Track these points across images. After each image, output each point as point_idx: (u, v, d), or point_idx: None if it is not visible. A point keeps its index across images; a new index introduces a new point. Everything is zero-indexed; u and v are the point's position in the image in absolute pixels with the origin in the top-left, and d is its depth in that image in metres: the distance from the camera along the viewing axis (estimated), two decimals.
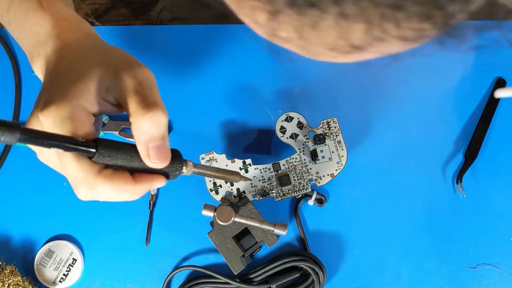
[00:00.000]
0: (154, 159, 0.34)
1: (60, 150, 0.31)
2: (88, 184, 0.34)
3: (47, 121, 0.33)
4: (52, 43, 0.38)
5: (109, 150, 0.34)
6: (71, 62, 0.36)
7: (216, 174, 0.41)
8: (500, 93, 0.42)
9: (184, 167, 0.37)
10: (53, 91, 0.34)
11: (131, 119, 0.33)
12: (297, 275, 0.53)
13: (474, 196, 0.57)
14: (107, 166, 0.35)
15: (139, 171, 0.36)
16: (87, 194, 0.34)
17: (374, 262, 0.55)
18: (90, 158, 0.33)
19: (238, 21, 0.27)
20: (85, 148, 0.32)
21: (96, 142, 0.33)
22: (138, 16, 1.43)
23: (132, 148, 0.35)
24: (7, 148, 0.58)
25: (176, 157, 0.37)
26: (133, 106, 0.33)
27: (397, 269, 0.55)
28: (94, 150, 0.33)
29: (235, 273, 0.51)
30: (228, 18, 0.26)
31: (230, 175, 0.43)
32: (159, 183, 0.36)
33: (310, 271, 0.52)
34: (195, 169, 0.39)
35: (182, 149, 0.59)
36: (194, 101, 0.59)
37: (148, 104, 0.33)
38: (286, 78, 0.60)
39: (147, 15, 1.43)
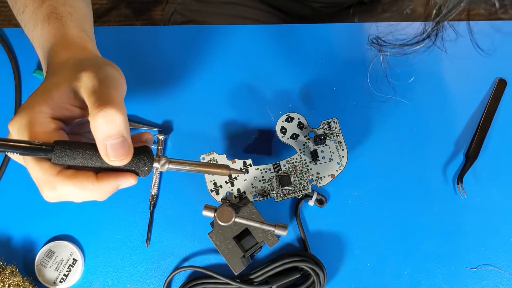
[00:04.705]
0: (112, 157, 0.34)
1: (15, 153, 0.33)
2: (49, 184, 0.35)
3: (12, 130, 0.35)
4: (50, 60, 0.40)
5: (66, 150, 0.34)
6: (49, 77, 0.38)
7: (200, 168, 0.40)
8: None
9: (156, 163, 0.37)
10: (25, 101, 0.36)
11: (89, 118, 0.34)
12: (298, 276, 0.53)
13: (475, 197, 0.57)
14: (70, 167, 0.35)
15: (105, 170, 0.36)
16: (51, 195, 0.36)
17: (374, 263, 0.55)
18: (50, 160, 0.34)
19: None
20: (40, 150, 0.34)
21: (53, 144, 0.34)
22: (139, 16, 1.43)
23: (92, 147, 0.35)
24: None
25: (144, 153, 0.37)
26: (89, 105, 0.34)
27: (398, 270, 0.55)
28: (50, 152, 0.34)
29: (236, 274, 0.51)
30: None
31: (216, 169, 0.41)
32: (127, 181, 0.36)
33: (311, 271, 0.52)
34: (170, 165, 0.38)
35: (183, 149, 0.59)
36: (195, 101, 0.59)
37: (102, 102, 0.33)
38: (286, 78, 0.60)
39: (148, 16, 1.43)
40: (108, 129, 0.34)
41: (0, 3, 1.40)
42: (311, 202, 0.56)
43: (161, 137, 0.57)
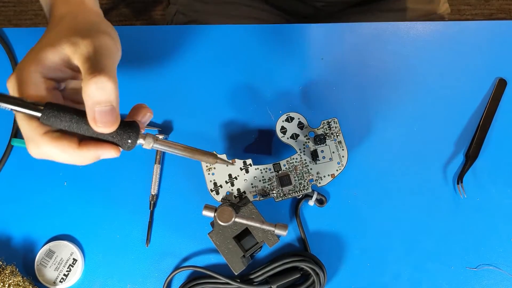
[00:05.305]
0: (99, 123, 0.35)
1: (7, 107, 0.35)
2: (34, 142, 0.37)
3: (9, 87, 0.37)
4: (50, 14, 0.43)
5: (54, 112, 0.36)
6: (47, 32, 0.40)
7: (186, 153, 0.40)
8: None
9: (142, 139, 0.38)
10: (22, 59, 0.38)
11: (82, 84, 0.35)
12: (298, 276, 0.53)
13: (475, 197, 0.57)
14: (59, 130, 0.37)
15: (89, 138, 0.37)
16: (35, 152, 0.37)
17: (374, 263, 0.55)
18: (39, 119, 0.36)
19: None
20: (31, 108, 0.35)
21: (44, 104, 0.36)
22: (139, 16, 1.43)
23: (80, 113, 0.37)
24: (8, 148, 0.58)
25: (131, 127, 0.38)
26: (83, 71, 0.36)
27: (398, 270, 0.55)
28: (39, 111, 0.35)
29: (236, 274, 0.51)
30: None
31: (202, 156, 0.41)
32: (108, 152, 0.38)
33: (311, 271, 0.52)
34: (156, 144, 0.39)
35: None
36: (195, 101, 0.59)
37: (95, 70, 0.35)
38: (286, 78, 0.60)
39: (148, 16, 1.43)
40: (98, 95, 0.35)
41: (0, 3, 1.40)
42: (311, 202, 0.56)
43: (161, 137, 0.57)
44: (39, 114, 0.36)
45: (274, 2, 0.76)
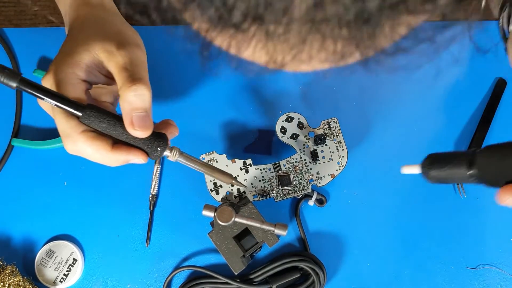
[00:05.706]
0: (137, 127, 0.38)
1: (52, 102, 0.37)
2: (72, 139, 0.39)
3: (45, 85, 0.39)
4: (71, 15, 0.44)
5: (95, 113, 0.38)
6: (75, 33, 0.42)
7: (206, 170, 0.42)
8: (405, 170, 0.43)
9: (168, 151, 0.40)
10: (56, 59, 0.40)
11: (119, 92, 0.38)
12: (298, 276, 0.53)
13: (475, 197, 0.56)
14: (94, 131, 0.39)
15: (122, 143, 0.40)
16: (71, 148, 0.39)
17: (374, 262, 0.55)
18: (78, 118, 0.38)
19: None
20: (74, 107, 0.37)
21: (85, 105, 0.38)
22: (139, 16, 1.43)
23: (116, 117, 0.39)
24: (9, 148, 0.58)
25: (161, 138, 0.40)
26: (121, 80, 0.38)
27: (397, 270, 0.55)
28: (81, 111, 0.37)
29: (236, 273, 0.51)
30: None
31: (221, 176, 0.43)
32: (137, 157, 0.40)
33: (311, 271, 0.52)
34: (180, 158, 0.41)
35: (183, 149, 0.59)
36: (195, 101, 0.59)
37: (134, 79, 0.38)
38: (286, 78, 0.60)
39: (148, 16, 1.43)
40: (136, 102, 0.38)
41: (0, 3, 1.40)
42: (311, 202, 0.56)
43: None
44: (80, 114, 0.37)
45: None
